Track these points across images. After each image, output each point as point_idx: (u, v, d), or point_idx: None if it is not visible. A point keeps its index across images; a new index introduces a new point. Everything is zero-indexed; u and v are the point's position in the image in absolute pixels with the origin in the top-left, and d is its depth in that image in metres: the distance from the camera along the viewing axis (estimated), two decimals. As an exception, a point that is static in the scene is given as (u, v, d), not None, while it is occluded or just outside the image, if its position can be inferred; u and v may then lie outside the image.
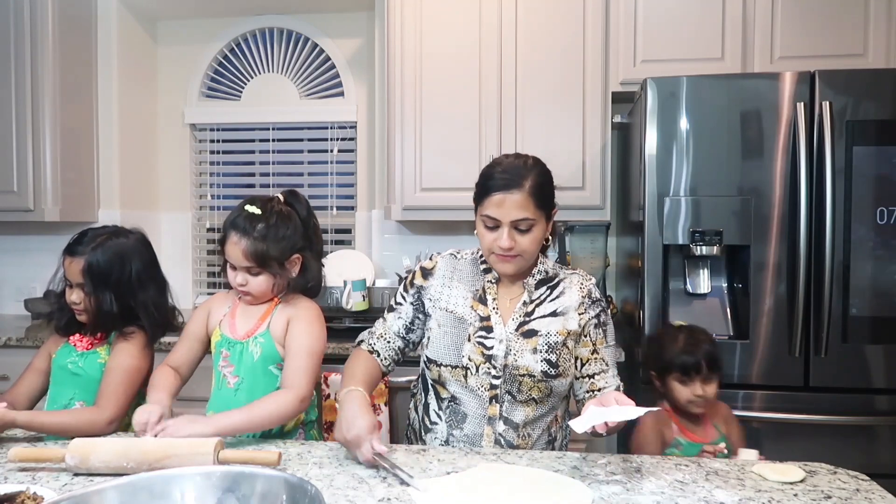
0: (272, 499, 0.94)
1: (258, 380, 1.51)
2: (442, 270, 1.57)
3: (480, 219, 1.45)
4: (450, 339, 1.49)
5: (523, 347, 1.45)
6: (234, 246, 1.49)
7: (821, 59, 2.38)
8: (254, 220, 1.50)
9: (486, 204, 1.43)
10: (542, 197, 1.43)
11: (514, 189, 1.40)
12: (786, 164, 2.05)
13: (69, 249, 1.55)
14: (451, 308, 1.52)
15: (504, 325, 1.48)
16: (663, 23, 2.50)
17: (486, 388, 1.45)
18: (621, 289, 2.77)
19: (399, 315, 1.58)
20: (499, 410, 1.45)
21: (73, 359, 1.58)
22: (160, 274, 1.67)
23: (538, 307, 1.49)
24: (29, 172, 2.78)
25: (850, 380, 2.04)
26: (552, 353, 1.45)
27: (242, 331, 1.55)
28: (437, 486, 1.15)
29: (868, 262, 2.02)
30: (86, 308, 1.54)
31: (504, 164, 1.45)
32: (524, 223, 1.41)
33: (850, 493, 1.14)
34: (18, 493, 1.08)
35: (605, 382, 1.48)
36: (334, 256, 3.06)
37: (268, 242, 1.49)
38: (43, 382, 1.64)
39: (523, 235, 1.42)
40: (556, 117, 2.59)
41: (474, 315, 1.49)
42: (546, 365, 1.44)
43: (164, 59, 3.35)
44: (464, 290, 1.53)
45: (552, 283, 1.53)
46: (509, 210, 1.40)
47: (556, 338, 1.46)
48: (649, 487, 1.17)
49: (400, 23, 2.65)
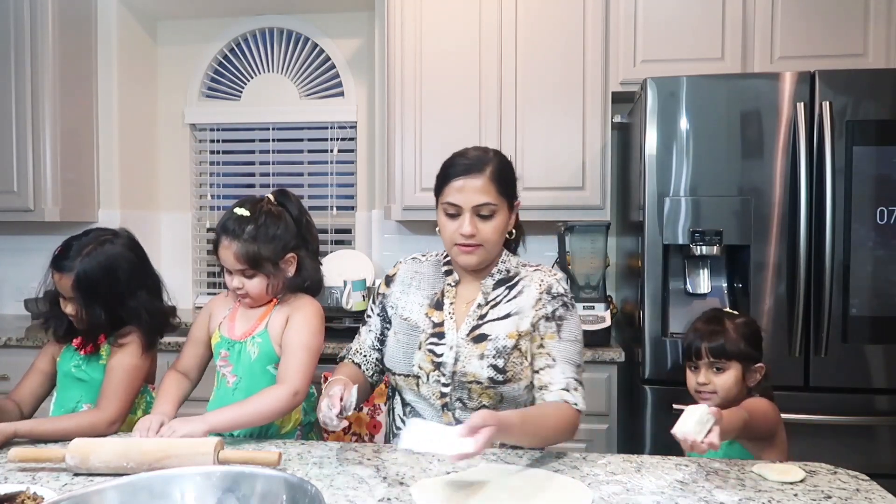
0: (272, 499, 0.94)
1: (256, 379, 1.50)
2: (402, 276, 1.57)
3: (441, 208, 1.43)
4: (402, 348, 1.47)
5: (471, 353, 1.41)
6: (226, 250, 1.48)
7: (821, 59, 2.38)
8: (242, 222, 1.48)
9: (446, 191, 1.41)
10: (504, 183, 1.42)
11: (475, 173, 1.39)
12: (786, 164, 2.05)
13: (56, 264, 1.52)
14: (405, 315, 1.51)
15: (457, 331, 1.45)
16: (663, 23, 2.50)
17: (437, 396, 1.43)
18: (621, 289, 2.77)
19: (370, 328, 1.59)
20: (452, 418, 1.42)
21: (76, 363, 1.57)
22: (151, 275, 1.63)
23: (493, 309, 1.46)
24: (29, 172, 2.78)
25: (850, 380, 2.04)
26: (499, 359, 1.40)
27: (240, 331, 1.55)
28: (436, 486, 1.15)
29: (868, 262, 2.02)
30: (81, 319, 1.53)
31: (466, 154, 1.45)
32: (486, 208, 1.39)
33: (850, 493, 1.14)
34: (18, 493, 1.08)
35: (549, 379, 1.40)
36: (334, 256, 3.06)
37: (258, 243, 1.47)
38: (47, 384, 1.63)
39: (485, 222, 1.40)
40: (556, 117, 2.59)
41: (428, 322, 1.47)
42: (493, 371, 1.39)
43: (164, 59, 3.35)
44: (421, 297, 1.52)
45: (511, 282, 1.49)
46: (470, 195, 1.38)
47: (506, 342, 1.41)
48: (649, 487, 1.17)
49: (400, 23, 2.65)
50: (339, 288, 2.69)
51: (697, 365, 1.57)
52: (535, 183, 2.60)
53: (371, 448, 1.38)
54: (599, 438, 2.34)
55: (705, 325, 1.59)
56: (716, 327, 1.57)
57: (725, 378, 1.54)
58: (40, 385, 1.63)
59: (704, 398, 1.55)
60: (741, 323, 1.58)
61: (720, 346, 1.54)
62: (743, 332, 1.56)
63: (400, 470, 1.24)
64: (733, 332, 1.55)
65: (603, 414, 2.33)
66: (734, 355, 1.53)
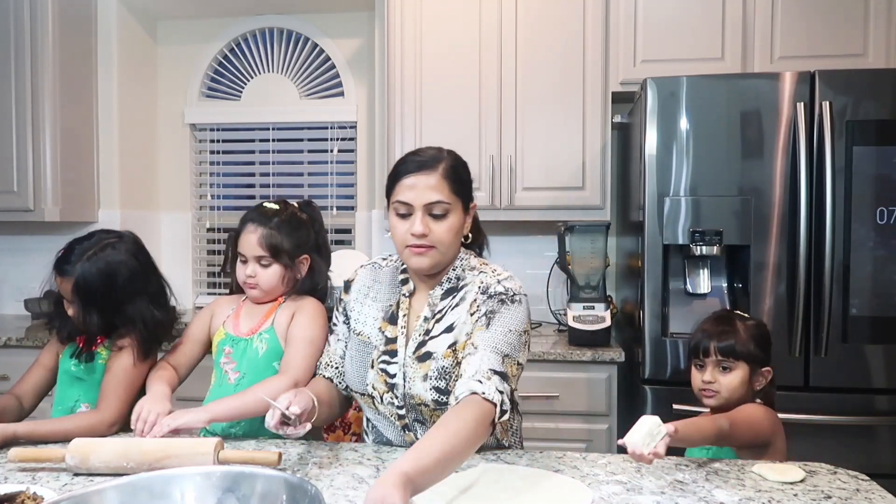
0: (272, 499, 0.94)
1: (260, 376, 1.51)
2: (359, 284, 1.49)
3: (392, 208, 1.35)
4: (356, 364, 1.41)
5: (416, 374, 1.33)
6: (251, 235, 1.53)
7: (821, 59, 2.38)
8: (271, 213, 1.56)
9: (397, 189, 1.33)
10: (457, 181, 1.34)
11: (427, 170, 1.31)
12: (786, 164, 2.05)
13: (58, 268, 1.51)
14: (358, 329, 1.44)
15: (405, 348, 1.36)
16: (663, 23, 2.50)
17: (395, 417, 1.37)
18: (621, 289, 2.77)
19: (338, 337, 1.50)
20: (414, 438, 1.36)
21: (76, 362, 1.57)
22: (154, 280, 1.61)
23: (438, 323, 1.36)
24: (29, 172, 2.77)
25: (850, 380, 2.04)
26: (441, 380, 1.30)
27: (246, 328, 1.57)
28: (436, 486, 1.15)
29: (868, 262, 2.02)
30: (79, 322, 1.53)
31: (419, 152, 1.37)
32: (438, 206, 1.31)
33: (850, 493, 1.14)
34: (18, 493, 1.08)
35: (467, 366, 1.23)
36: (334, 256, 3.03)
37: (282, 234, 1.54)
38: (49, 379, 1.63)
39: (438, 222, 1.31)
40: (556, 117, 2.59)
41: (381, 337, 1.39)
42: (435, 393, 1.30)
43: (164, 59, 3.35)
44: (375, 309, 1.43)
45: (457, 290, 1.38)
46: (422, 192, 1.30)
47: (445, 361, 1.31)
48: (649, 487, 1.17)
49: (400, 23, 2.65)
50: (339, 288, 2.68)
51: (704, 363, 1.54)
52: (535, 183, 2.60)
53: (371, 448, 1.38)
54: (599, 438, 2.33)
55: (716, 323, 1.57)
56: (726, 327, 1.55)
57: (731, 378, 1.51)
58: (42, 380, 1.63)
59: (708, 396, 1.54)
60: (752, 325, 1.58)
61: (730, 345, 1.52)
62: (753, 334, 1.55)
63: (400, 470, 1.24)
64: (743, 333, 1.54)
65: (603, 414, 2.33)
66: (742, 356, 1.52)
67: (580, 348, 2.32)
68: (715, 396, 1.52)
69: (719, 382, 1.52)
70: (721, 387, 1.52)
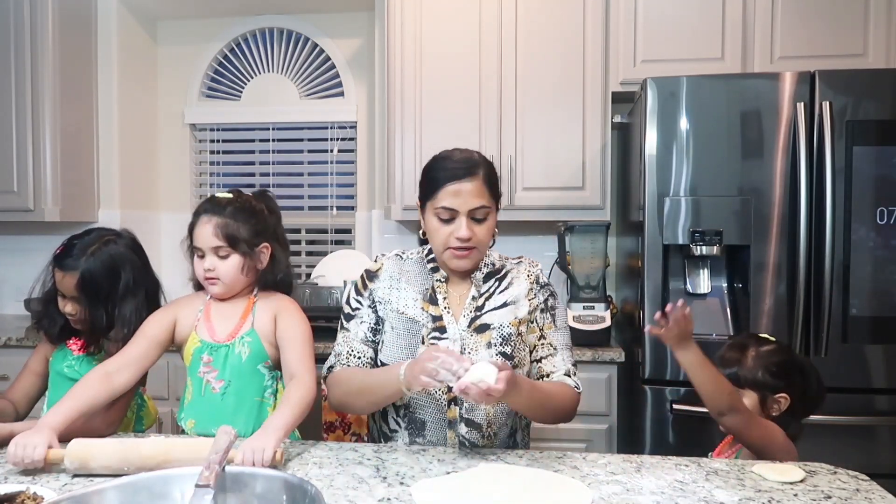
0: (272, 499, 0.95)
1: (246, 381, 1.48)
2: (388, 272, 1.54)
3: (434, 213, 1.43)
4: (403, 343, 1.46)
5: (478, 343, 1.44)
6: (205, 225, 1.48)
7: (821, 59, 2.38)
8: (224, 202, 1.51)
9: (440, 196, 1.41)
10: (494, 184, 1.46)
11: (470, 177, 1.40)
12: (786, 164, 2.05)
13: (60, 263, 1.50)
14: (402, 310, 1.48)
15: (457, 323, 1.46)
16: (663, 23, 2.50)
17: (444, 390, 1.41)
18: (621, 289, 2.77)
19: (361, 320, 1.52)
20: (458, 413, 1.42)
21: (69, 363, 1.56)
22: (151, 277, 1.62)
23: (488, 300, 1.49)
24: (29, 172, 2.78)
25: (850, 380, 2.04)
26: (507, 346, 1.44)
27: (224, 333, 1.50)
28: (436, 486, 1.15)
29: (868, 262, 2.02)
30: (82, 319, 1.52)
31: (454, 157, 1.45)
32: (481, 211, 1.41)
33: (850, 493, 1.14)
34: (18, 493, 1.08)
35: (552, 366, 1.48)
36: (334, 256, 3.06)
37: (238, 222, 1.48)
38: (40, 384, 1.63)
39: (480, 225, 1.42)
40: (556, 117, 2.59)
41: (426, 316, 1.47)
42: (501, 358, 1.43)
43: (164, 59, 3.35)
44: (413, 292, 1.50)
45: (500, 274, 1.53)
46: (467, 198, 1.40)
47: (510, 329, 1.46)
48: (649, 487, 1.17)
49: (400, 23, 2.65)
50: (339, 288, 2.69)
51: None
52: (535, 183, 2.60)
53: (371, 448, 1.38)
54: (599, 438, 2.34)
55: (728, 350, 1.56)
56: (735, 355, 1.54)
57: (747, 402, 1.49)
58: (32, 385, 1.62)
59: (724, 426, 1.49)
60: (766, 351, 1.54)
61: (733, 373, 1.51)
62: (765, 362, 1.51)
63: (400, 470, 1.24)
64: (752, 361, 1.51)
65: (603, 414, 2.33)
66: (748, 384, 1.50)
67: (580, 348, 2.31)
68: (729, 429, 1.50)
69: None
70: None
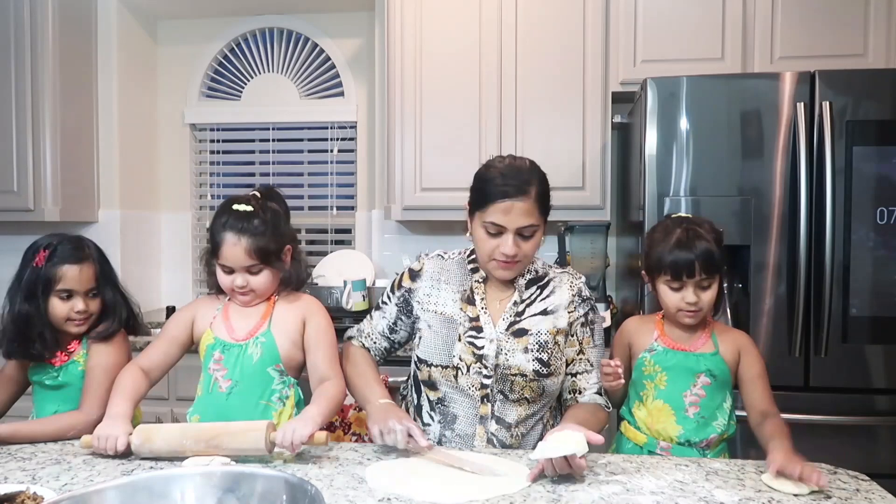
0: (272, 499, 0.95)
1: (254, 383, 1.46)
2: (430, 272, 1.57)
3: (482, 225, 1.43)
4: (440, 340, 1.49)
5: (514, 347, 1.45)
6: (235, 247, 1.43)
7: (821, 59, 2.38)
8: (249, 218, 1.45)
9: (489, 210, 1.40)
10: (546, 203, 1.46)
11: (522, 196, 1.39)
12: (786, 164, 2.05)
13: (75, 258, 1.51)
14: (440, 309, 1.53)
15: (494, 325, 1.48)
16: (663, 23, 2.50)
17: (477, 387, 1.45)
18: (621, 289, 2.77)
19: (384, 315, 1.62)
20: (490, 410, 1.45)
21: (50, 373, 1.53)
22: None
23: (529, 306, 1.50)
24: (29, 172, 2.77)
25: (850, 380, 2.04)
26: (543, 353, 1.45)
27: (242, 332, 1.49)
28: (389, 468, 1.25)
29: (868, 262, 2.02)
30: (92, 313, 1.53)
31: (505, 170, 1.42)
32: (528, 230, 1.41)
33: (850, 493, 1.14)
34: (18, 493, 1.08)
35: (587, 383, 1.50)
36: (334, 256, 3.06)
37: (267, 236, 1.46)
38: (15, 392, 1.60)
39: (526, 242, 1.43)
40: (556, 117, 2.59)
41: (463, 315, 1.50)
42: (538, 364, 1.44)
43: (164, 59, 3.35)
44: (452, 292, 1.53)
45: (542, 282, 1.53)
46: (516, 218, 1.39)
47: (547, 336, 1.47)
48: (649, 487, 1.17)
49: (400, 23, 2.65)
50: (339, 288, 2.69)
51: (684, 284, 1.40)
52: (535, 183, 2.59)
53: (371, 448, 1.38)
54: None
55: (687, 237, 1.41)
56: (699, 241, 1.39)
57: (711, 294, 1.41)
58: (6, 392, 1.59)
59: (691, 316, 1.43)
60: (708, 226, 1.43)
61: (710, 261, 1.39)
62: (717, 238, 1.42)
63: (400, 470, 1.24)
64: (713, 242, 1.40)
65: (603, 414, 2.32)
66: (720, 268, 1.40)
67: (580, 348, 2.31)
68: (696, 315, 1.43)
69: (701, 300, 1.41)
70: (703, 304, 1.41)
